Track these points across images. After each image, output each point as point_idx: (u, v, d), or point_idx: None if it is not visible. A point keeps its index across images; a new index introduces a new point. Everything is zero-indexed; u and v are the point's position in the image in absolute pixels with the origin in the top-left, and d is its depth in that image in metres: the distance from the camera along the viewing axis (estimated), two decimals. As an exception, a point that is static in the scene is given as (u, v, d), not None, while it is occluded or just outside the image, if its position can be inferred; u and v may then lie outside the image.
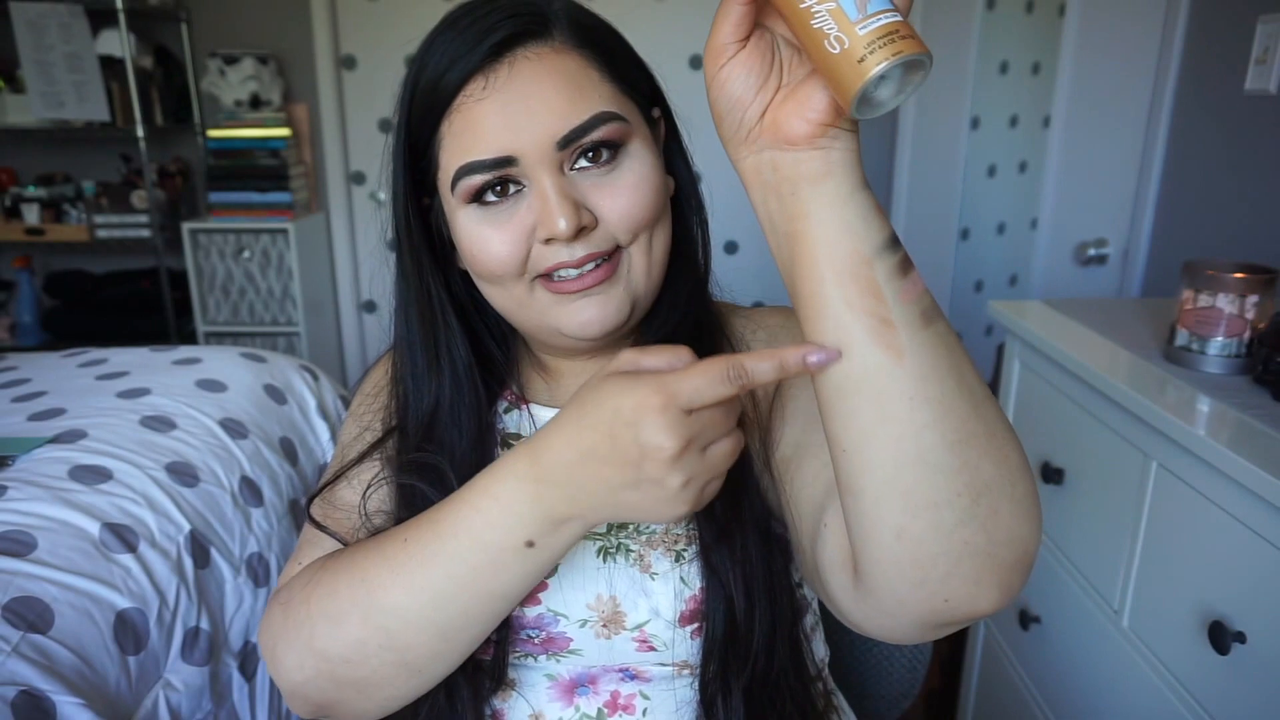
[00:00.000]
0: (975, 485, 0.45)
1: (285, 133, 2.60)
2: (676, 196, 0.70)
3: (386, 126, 2.74)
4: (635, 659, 0.67)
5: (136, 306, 2.73)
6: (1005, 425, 0.48)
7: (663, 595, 0.65)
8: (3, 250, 2.87)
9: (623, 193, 0.62)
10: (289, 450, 1.35)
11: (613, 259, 0.63)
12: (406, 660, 0.58)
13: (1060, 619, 1.30)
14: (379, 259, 0.72)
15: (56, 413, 1.20)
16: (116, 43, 2.45)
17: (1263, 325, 1.09)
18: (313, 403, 1.48)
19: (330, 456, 1.05)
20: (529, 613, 0.67)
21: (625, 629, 0.66)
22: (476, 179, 0.61)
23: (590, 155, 0.62)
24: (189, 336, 2.68)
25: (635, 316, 0.67)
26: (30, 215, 2.66)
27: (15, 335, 2.81)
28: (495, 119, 0.59)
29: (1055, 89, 1.92)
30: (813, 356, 0.46)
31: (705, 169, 0.73)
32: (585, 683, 0.69)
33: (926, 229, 2.36)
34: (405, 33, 2.49)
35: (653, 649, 0.66)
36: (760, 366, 0.46)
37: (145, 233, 2.59)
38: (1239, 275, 1.10)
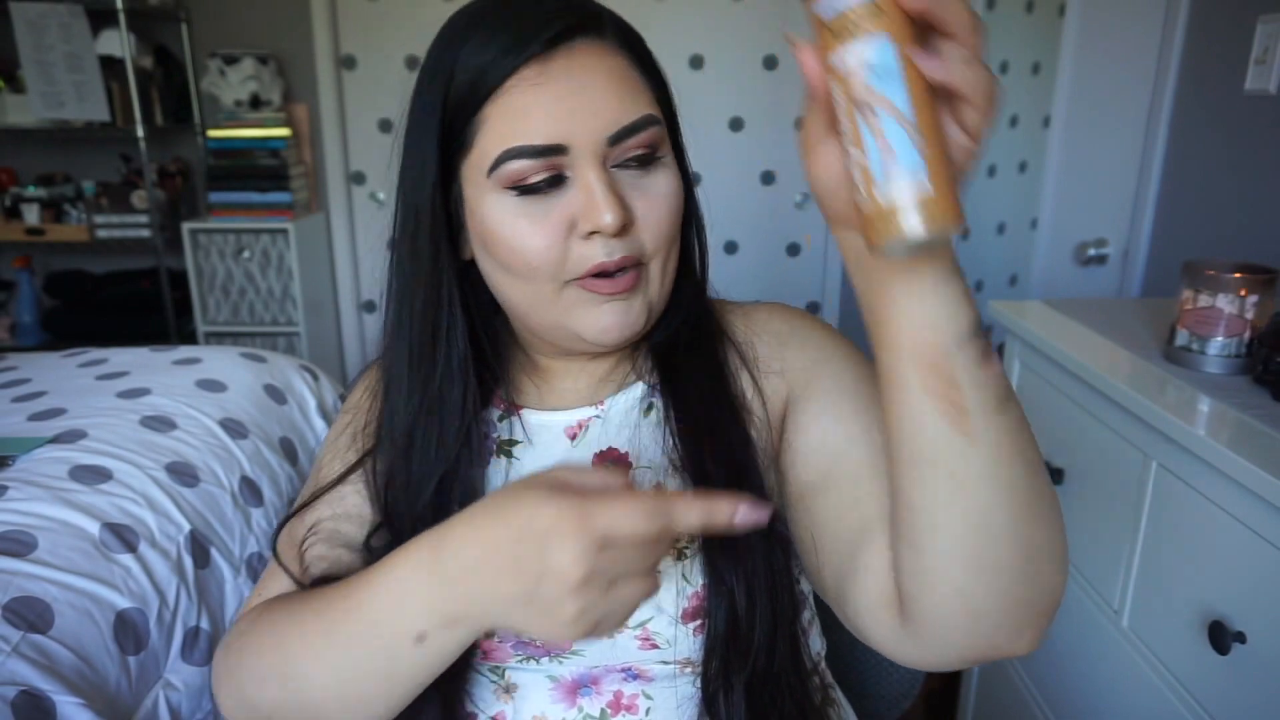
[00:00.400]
0: (1029, 550, 0.49)
1: (285, 133, 2.60)
2: None
3: (387, 126, 2.74)
4: (637, 657, 0.67)
5: (136, 306, 2.72)
6: (1052, 490, 0.51)
7: (665, 592, 0.65)
8: (3, 250, 2.86)
9: (656, 201, 0.63)
10: (289, 450, 1.35)
11: (639, 269, 0.64)
12: None
13: (1060, 619, 1.30)
14: (379, 259, 0.71)
15: (56, 413, 1.20)
16: (116, 43, 2.45)
17: (1262, 325, 1.09)
18: (313, 403, 1.48)
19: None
20: None
21: (628, 627, 0.65)
22: (522, 164, 0.60)
23: (631, 156, 0.62)
24: (189, 336, 2.67)
25: (647, 327, 0.68)
26: (30, 215, 2.66)
27: (15, 335, 2.80)
28: (549, 107, 0.59)
29: (1055, 89, 1.92)
30: (740, 516, 0.47)
31: (704, 169, 0.73)
32: (588, 683, 0.69)
33: (926, 229, 2.36)
34: (405, 33, 2.52)
35: (655, 647, 0.66)
36: (687, 514, 0.47)
37: (145, 233, 2.59)
38: (1239, 275, 1.10)
